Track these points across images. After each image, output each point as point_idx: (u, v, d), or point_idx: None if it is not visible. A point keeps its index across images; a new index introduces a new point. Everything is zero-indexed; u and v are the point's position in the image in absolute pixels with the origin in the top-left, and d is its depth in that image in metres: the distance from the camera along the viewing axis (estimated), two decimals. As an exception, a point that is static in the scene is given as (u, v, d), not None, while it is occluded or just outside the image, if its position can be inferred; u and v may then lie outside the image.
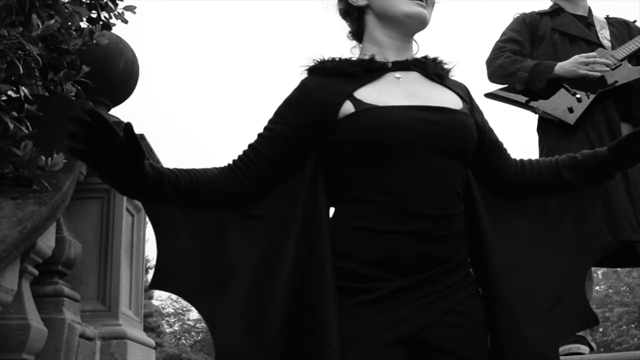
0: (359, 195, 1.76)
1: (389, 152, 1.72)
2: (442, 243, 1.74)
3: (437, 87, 1.87)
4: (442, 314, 1.72)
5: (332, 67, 1.85)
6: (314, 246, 1.73)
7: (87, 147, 1.56)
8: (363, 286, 1.70)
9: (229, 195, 1.79)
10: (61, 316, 3.44)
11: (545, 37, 4.12)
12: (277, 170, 1.83)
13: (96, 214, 4.10)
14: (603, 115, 3.83)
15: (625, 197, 3.69)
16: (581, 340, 3.70)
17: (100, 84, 4.26)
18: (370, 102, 1.76)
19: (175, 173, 1.73)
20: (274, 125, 1.84)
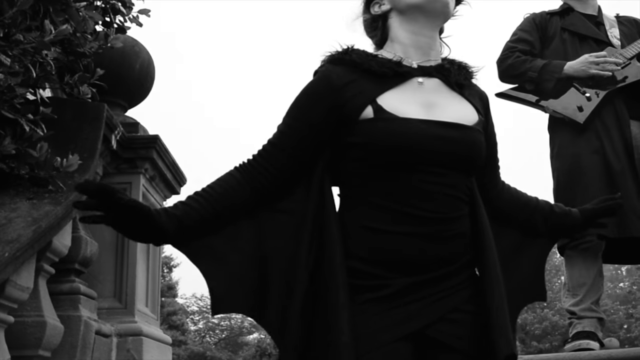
0: (366, 197, 1.79)
1: (401, 164, 1.75)
2: (446, 244, 1.79)
3: (456, 97, 1.88)
4: (448, 311, 1.77)
5: (360, 62, 1.84)
6: (325, 244, 1.75)
7: (98, 215, 1.64)
8: (370, 283, 1.73)
9: (256, 198, 1.80)
10: (77, 313, 3.51)
11: (555, 37, 4.15)
12: (298, 165, 1.83)
13: (113, 213, 4.16)
14: (612, 113, 3.86)
15: (635, 194, 3.71)
16: (591, 336, 3.73)
17: (116, 86, 4.34)
18: (390, 110, 1.76)
19: (194, 208, 1.73)
20: (295, 120, 1.84)
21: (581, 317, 3.80)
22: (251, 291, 1.79)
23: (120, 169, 4.21)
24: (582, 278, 3.85)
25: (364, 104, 1.77)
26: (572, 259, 3.89)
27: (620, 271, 42.33)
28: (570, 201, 3.77)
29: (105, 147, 3.91)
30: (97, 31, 3.78)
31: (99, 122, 3.65)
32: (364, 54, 1.87)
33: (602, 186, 3.74)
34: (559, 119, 3.94)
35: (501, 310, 1.78)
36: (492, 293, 1.79)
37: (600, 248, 3.87)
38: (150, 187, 4.40)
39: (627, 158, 3.77)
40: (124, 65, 4.39)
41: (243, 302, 1.79)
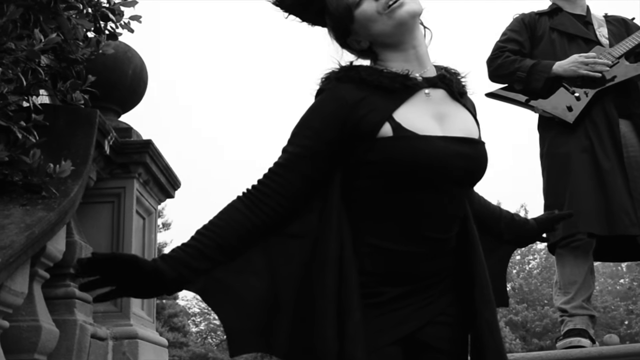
0: (372, 215, 1.81)
1: (419, 182, 1.76)
2: (440, 260, 1.86)
3: (459, 108, 1.90)
4: (435, 315, 1.84)
5: (370, 79, 1.81)
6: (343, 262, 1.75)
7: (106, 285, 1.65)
8: (365, 292, 1.75)
9: (266, 226, 1.77)
10: (73, 317, 3.54)
11: (544, 37, 4.19)
12: (312, 186, 1.80)
13: (107, 217, 4.20)
14: (602, 112, 3.89)
15: (625, 192, 3.75)
16: (583, 334, 3.76)
17: (109, 91, 4.36)
18: (409, 127, 1.75)
19: (199, 249, 1.70)
20: (308, 140, 1.79)
21: (572, 314, 3.84)
22: (263, 325, 1.76)
23: (114, 174, 4.24)
24: (573, 276, 3.88)
25: (381, 121, 1.75)
26: (563, 257, 3.92)
27: (620, 267, 42.37)
28: (560, 200, 3.83)
29: (99, 152, 3.94)
30: (89, 38, 3.81)
31: (91, 128, 3.67)
32: (370, 70, 1.85)
33: (591, 185, 3.77)
34: (549, 118, 3.98)
35: (496, 333, 1.85)
36: (486, 313, 1.86)
37: (590, 246, 3.90)
38: (144, 192, 4.43)
39: (616, 157, 3.81)
40: (117, 71, 4.41)
41: (257, 339, 1.76)
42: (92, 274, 1.62)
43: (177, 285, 1.69)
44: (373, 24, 1.84)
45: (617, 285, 43.11)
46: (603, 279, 42.43)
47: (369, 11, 1.82)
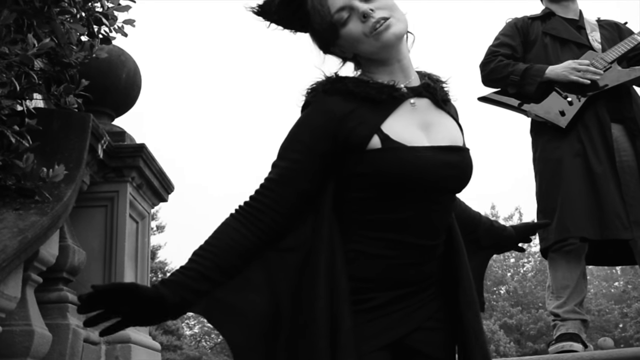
0: (362, 224, 1.81)
1: (408, 192, 1.78)
2: (427, 266, 1.86)
3: (444, 115, 1.91)
4: (424, 320, 1.85)
5: (357, 91, 1.80)
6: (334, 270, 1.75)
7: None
8: (355, 298, 1.76)
9: (262, 243, 1.76)
10: (66, 322, 3.54)
11: (537, 41, 4.20)
12: (305, 199, 1.80)
13: (100, 221, 4.20)
14: (594, 117, 3.89)
15: (617, 196, 3.75)
16: (575, 338, 3.77)
17: (103, 95, 4.37)
18: (397, 139, 1.76)
19: (199, 271, 1.69)
20: (298, 154, 1.79)
21: (565, 319, 3.85)
22: (266, 339, 1.76)
23: (108, 178, 4.24)
24: (565, 280, 3.89)
25: (370, 134, 1.76)
26: (556, 262, 3.93)
27: (614, 270, 42.42)
28: (552, 204, 3.84)
29: (92, 156, 3.94)
30: (83, 42, 3.81)
31: (85, 132, 3.67)
32: (357, 81, 1.84)
33: (584, 189, 3.78)
34: (541, 122, 3.99)
35: (480, 334, 1.87)
36: (469, 314, 1.87)
37: (583, 250, 3.92)
38: (137, 195, 4.43)
39: (608, 161, 3.81)
40: (111, 75, 4.42)
41: (261, 355, 1.75)
42: (94, 308, 1.62)
43: (180, 309, 1.68)
44: (359, 44, 1.84)
45: (612, 289, 43.18)
46: (597, 282, 42.51)
47: (355, 32, 1.83)
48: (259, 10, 1.92)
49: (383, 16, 1.80)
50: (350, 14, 1.82)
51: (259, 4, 1.91)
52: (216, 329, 1.77)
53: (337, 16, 1.82)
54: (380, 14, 1.80)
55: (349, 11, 1.82)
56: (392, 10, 1.83)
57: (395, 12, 1.84)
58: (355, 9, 1.81)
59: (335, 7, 1.82)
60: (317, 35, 1.91)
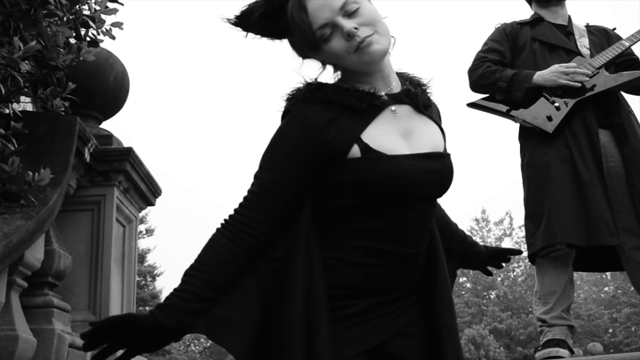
0: (343, 232, 1.80)
1: (389, 200, 1.77)
2: (409, 274, 1.86)
3: (425, 121, 1.90)
4: (403, 326, 1.84)
5: (337, 100, 1.78)
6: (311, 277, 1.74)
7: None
8: (337, 304, 1.76)
9: (252, 256, 1.75)
10: (51, 327, 3.52)
11: (525, 47, 4.19)
12: (290, 209, 1.78)
13: (87, 225, 4.18)
14: (582, 122, 3.89)
15: (604, 202, 3.75)
16: (562, 344, 3.77)
17: (90, 98, 4.36)
18: (377, 147, 1.75)
19: (194, 292, 1.68)
20: (280, 165, 1.78)
21: (552, 325, 3.84)
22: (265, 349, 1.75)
23: (94, 182, 4.22)
24: (552, 286, 3.88)
25: (350, 143, 1.75)
26: (543, 267, 3.93)
27: (605, 275, 42.54)
28: (539, 210, 3.84)
29: (79, 160, 3.92)
30: (70, 44, 3.80)
31: (71, 136, 3.66)
32: (337, 89, 1.82)
33: (571, 195, 3.78)
34: (529, 128, 3.98)
35: (455, 337, 1.88)
36: (445, 317, 1.88)
37: (570, 256, 3.92)
38: (124, 199, 4.41)
39: (596, 167, 3.81)
40: (98, 78, 4.40)
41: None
42: (98, 344, 1.63)
43: (180, 332, 1.69)
44: (342, 59, 1.82)
45: (602, 294, 43.32)
46: (587, 287, 42.65)
47: (338, 50, 1.79)
48: (237, 22, 1.88)
49: (367, 34, 1.77)
50: (333, 30, 1.78)
51: (237, 16, 1.87)
52: (218, 344, 1.76)
53: (319, 32, 1.79)
54: (364, 32, 1.77)
55: (332, 27, 1.78)
56: (375, 25, 1.80)
57: (379, 26, 1.81)
58: (338, 26, 1.77)
59: (318, 24, 1.78)
60: (296, 46, 1.89)
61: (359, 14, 1.78)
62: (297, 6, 1.79)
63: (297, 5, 1.79)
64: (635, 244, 3.83)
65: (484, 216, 39.87)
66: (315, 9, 1.78)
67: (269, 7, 1.84)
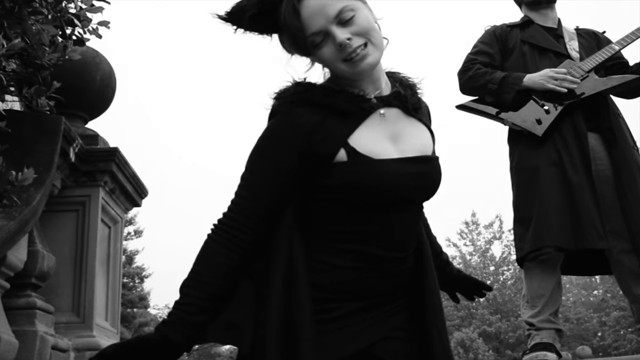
0: (328, 235, 1.79)
1: (376, 205, 1.76)
2: (397, 278, 1.85)
3: (414, 123, 1.88)
4: (390, 330, 1.83)
5: (326, 102, 1.76)
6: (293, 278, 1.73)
7: None
8: (322, 307, 1.74)
9: (244, 259, 1.75)
10: (33, 328, 3.48)
11: (515, 49, 4.18)
12: (277, 210, 1.77)
13: (71, 226, 4.14)
14: (571, 126, 3.87)
15: (593, 206, 3.73)
16: (549, 348, 3.75)
17: (77, 98, 4.32)
18: (364, 152, 1.74)
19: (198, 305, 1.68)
20: (266, 168, 1.76)
21: (539, 328, 3.82)
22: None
23: (79, 182, 4.18)
24: (540, 290, 3.86)
25: (337, 147, 1.73)
26: (531, 271, 3.91)
27: (594, 279, 42.64)
28: (528, 213, 3.82)
29: (64, 160, 3.88)
30: (56, 43, 3.76)
31: (56, 135, 3.62)
32: (326, 91, 1.80)
33: (559, 198, 3.76)
34: (518, 131, 3.97)
35: (445, 339, 1.87)
36: (435, 319, 1.86)
37: (558, 260, 3.89)
38: (110, 200, 4.37)
39: (584, 171, 3.79)
40: (85, 77, 4.36)
41: None
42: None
43: (188, 345, 1.69)
44: (332, 66, 1.80)
45: (591, 297, 43.40)
46: (577, 290, 42.75)
47: (329, 57, 1.77)
48: (227, 18, 1.84)
49: (359, 44, 1.74)
50: (324, 37, 1.75)
51: (228, 12, 1.83)
52: (227, 344, 1.85)
53: (311, 39, 1.76)
54: (357, 42, 1.74)
55: (324, 35, 1.75)
56: (369, 34, 1.77)
57: (373, 36, 1.77)
58: (331, 35, 1.74)
59: (311, 31, 1.75)
60: (285, 45, 1.86)
61: (353, 22, 1.75)
62: (291, 10, 1.76)
63: (291, 8, 1.76)
64: (624, 248, 3.82)
65: (474, 219, 39.88)
66: (309, 15, 1.75)
67: (262, 7, 1.80)
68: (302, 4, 1.75)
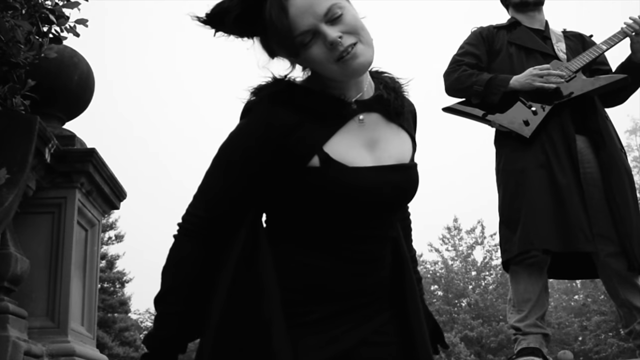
0: (297, 236, 1.75)
1: (348, 211, 1.72)
2: (371, 278, 1.79)
3: (394, 129, 1.83)
4: (369, 334, 1.77)
5: (303, 105, 1.71)
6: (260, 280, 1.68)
7: None
8: (297, 310, 1.70)
9: (214, 253, 1.73)
10: (5, 333, 3.37)
11: (502, 51, 4.14)
12: (244, 208, 1.73)
13: (47, 228, 4.05)
14: (559, 127, 3.83)
15: (581, 209, 3.69)
16: (536, 353, 3.71)
17: (54, 97, 4.24)
18: (338, 159, 1.69)
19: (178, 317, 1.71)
20: (234, 164, 1.72)
21: (526, 333, 3.77)
22: None
23: (55, 183, 4.08)
24: (527, 293, 3.81)
25: (311, 152, 1.68)
26: (518, 274, 3.85)
27: (575, 284, 42.83)
28: (515, 216, 3.77)
29: (39, 160, 3.78)
30: (32, 41, 3.66)
31: (30, 135, 3.52)
32: (304, 92, 1.75)
33: (547, 201, 3.71)
34: (505, 133, 3.92)
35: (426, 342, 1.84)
36: (414, 322, 1.83)
37: (545, 263, 3.85)
38: (87, 202, 4.27)
39: (573, 173, 3.75)
40: (62, 77, 4.28)
41: None
42: None
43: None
44: (321, 68, 1.71)
45: (572, 302, 43.57)
46: (558, 295, 42.91)
47: (318, 58, 1.69)
48: (207, 20, 1.74)
49: (351, 43, 1.67)
50: (314, 36, 1.67)
51: (208, 15, 1.73)
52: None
53: (299, 39, 1.67)
54: (348, 40, 1.66)
55: (313, 34, 1.67)
56: (359, 33, 1.69)
57: (362, 34, 1.70)
58: (321, 34, 1.66)
59: (299, 30, 1.66)
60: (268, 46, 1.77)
61: (342, 21, 1.67)
62: (277, 8, 1.66)
63: (277, 6, 1.66)
64: (611, 251, 3.78)
65: (456, 224, 39.96)
66: (297, 14, 1.66)
67: (245, 6, 1.70)
68: (289, 3, 1.66)
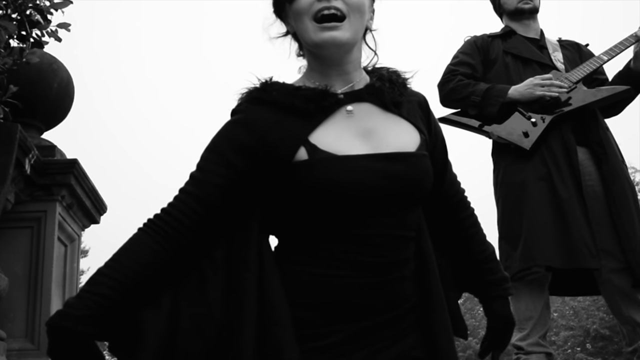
0: (301, 244, 1.67)
1: (345, 206, 1.61)
2: (388, 288, 1.67)
3: (393, 119, 1.75)
4: (393, 358, 1.64)
5: (282, 102, 1.67)
6: (267, 294, 1.59)
7: None
8: (314, 332, 1.59)
9: (173, 260, 1.61)
10: (-18, 354, 3.21)
11: (497, 60, 4.05)
12: (220, 216, 1.65)
13: (25, 244, 3.89)
14: (559, 139, 3.74)
15: (584, 223, 3.59)
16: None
17: (32, 106, 4.11)
18: (325, 148, 1.62)
19: (109, 300, 1.52)
20: (216, 167, 1.65)
21: (529, 352, 3.67)
22: None
23: (35, 196, 3.93)
24: (528, 311, 3.71)
25: (296, 145, 1.63)
26: (518, 292, 3.73)
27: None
28: (516, 231, 3.65)
29: (19, 172, 3.62)
30: (12, 46, 3.49)
31: (11, 145, 3.37)
32: (284, 90, 1.71)
33: (549, 214, 3.61)
34: (504, 144, 3.82)
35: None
36: (441, 341, 1.70)
37: (546, 279, 3.75)
38: (67, 216, 4.11)
39: (574, 185, 3.65)
40: (41, 84, 4.13)
41: None
42: None
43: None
44: (300, 24, 1.71)
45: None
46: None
47: (301, 7, 1.69)
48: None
49: (338, 8, 1.66)
50: None
51: None
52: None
53: None
54: (338, 4, 1.66)
55: None
56: (353, 11, 1.69)
57: (354, 16, 1.69)
58: None
59: None
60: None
61: None
62: None
63: None
64: (614, 267, 3.68)
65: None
66: None
67: None
68: None
